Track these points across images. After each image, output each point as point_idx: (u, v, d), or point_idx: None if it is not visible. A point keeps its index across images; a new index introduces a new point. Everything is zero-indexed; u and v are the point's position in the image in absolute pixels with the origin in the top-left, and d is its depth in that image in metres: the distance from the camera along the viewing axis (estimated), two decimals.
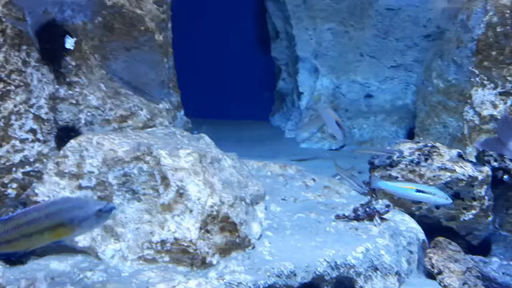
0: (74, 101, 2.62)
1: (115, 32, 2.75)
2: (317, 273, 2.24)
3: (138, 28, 2.75)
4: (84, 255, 2.30)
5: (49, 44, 2.53)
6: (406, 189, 2.62)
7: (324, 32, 5.54)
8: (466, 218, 2.83)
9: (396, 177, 2.94)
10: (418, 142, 3.02)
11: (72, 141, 2.38)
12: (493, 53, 3.20)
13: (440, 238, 2.70)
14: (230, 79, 6.98)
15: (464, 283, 2.50)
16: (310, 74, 5.79)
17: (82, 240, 2.28)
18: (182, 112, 3.55)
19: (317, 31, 5.56)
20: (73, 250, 2.31)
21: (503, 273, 2.56)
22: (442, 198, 2.58)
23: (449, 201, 2.60)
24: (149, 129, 2.86)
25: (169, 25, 3.25)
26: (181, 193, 2.27)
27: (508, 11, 3.15)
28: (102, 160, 2.33)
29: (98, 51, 2.78)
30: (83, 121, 2.63)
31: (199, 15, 6.80)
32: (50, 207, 1.67)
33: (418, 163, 2.89)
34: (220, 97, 6.97)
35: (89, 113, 2.66)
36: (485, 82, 3.22)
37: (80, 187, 2.32)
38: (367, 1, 5.31)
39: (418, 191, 2.60)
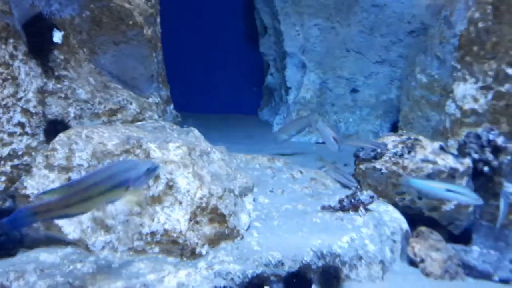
0: (63, 95, 2.63)
1: (103, 26, 2.77)
2: (304, 262, 2.30)
3: (127, 23, 2.77)
4: (74, 247, 2.32)
5: (36, 38, 2.54)
6: (437, 188, 2.60)
7: (311, 28, 5.60)
8: (447, 209, 2.91)
9: (380, 169, 3.00)
10: (402, 135, 3.09)
11: (61, 134, 2.39)
12: (475, 48, 3.28)
13: (423, 228, 2.77)
14: (219, 74, 7.01)
15: (446, 271, 2.58)
16: (298, 69, 5.85)
17: (71, 232, 2.30)
18: (172, 106, 3.58)
19: (304, 27, 5.62)
20: (63, 242, 2.34)
21: (483, 261, 2.65)
22: (472, 198, 2.58)
23: (480, 201, 2.58)
24: (139, 123, 2.88)
25: (158, 19, 3.27)
26: (170, 186, 2.31)
27: (490, 7, 3.23)
28: (91, 153, 2.35)
29: (87, 45, 2.79)
30: (72, 115, 2.64)
31: (189, 11, 6.81)
32: (108, 171, 1.78)
33: (401, 156, 2.96)
34: (209, 91, 6.99)
35: (78, 107, 2.67)
36: (467, 76, 3.30)
37: (69, 180, 2.34)
38: None
39: (448, 190, 2.58)
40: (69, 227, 2.31)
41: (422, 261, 2.62)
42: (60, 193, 1.68)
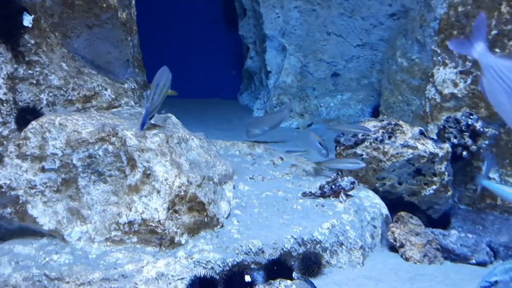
0: (34, 81, 2.53)
1: (76, 9, 2.66)
2: (284, 249, 2.29)
3: (100, 5, 2.66)
4: (50, 238, 2.27)
5: (5, 21, 2.42)
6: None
7: (291, 10, 5.53)
8: (427, 193, 2.94)
9: (361, 155, 3.00)
10: (382, 120, 3.09)
11: (33, 122, 2.31)
12: (455, 32, 3.27)
13: (403, 213, 2.79)
14: (197, 57, 6.89)
15: (425, 255, 2.61)
16: (278, 52, 5.78)
17: (47, 223, 2.24)
18: (148, 91, 3.49)
19: (284, 9, 5.54)
20: (38, 233, 2.28)
21: (461, 245, 2.68)
22: None
23: None
24: (114, 110, 2.80)
25: (133, 2, 3.16)
26: (148, 174, 2.26)
27: None
28: (65, 142, 2.28)
29: (58, 28, 2.69)
30: (44, 102, 2.55)
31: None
32: (164, 75, 2.39)
33: (382, 141, 2.96)
34: (187, 76, 6.87)
35: (50, 93, 2.58)
36: (447, 61, 3.30)
37: (43, 170, 2.27)
38: None
39: None
40: (44, 217, 2.25)
41: (402, 245, 2.64)
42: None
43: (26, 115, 2.42)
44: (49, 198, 2.26)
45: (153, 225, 2.20)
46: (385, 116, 3.90)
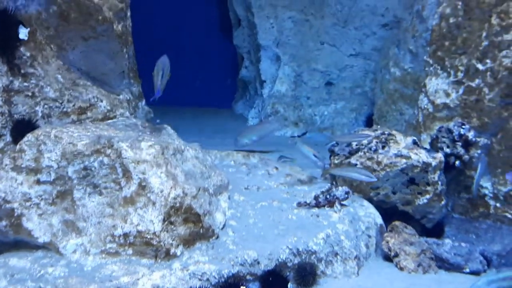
0: (29, 94, 2.54)
1: (72, 21, 2.68)
2: (280, 260, 2.30)
3: (96, 18, 2.68)
4: (45, 250, 2.26)
5: (1, 34, 2.43)
6: None
7: (285, 20, 5.58)
8: (420, 203, 2.96)
9: (355, 164, 3.02)
10: (376, 130, 3.12)
11: (29, 135, 2.31)
12: (446, 43, 3.32)
13: (397, 222, 2.81)
14: (192, 67, 6.92)
15: (419, 265, 2.63)
16: (272, 62, 5.83)
17: (42, 235, 2.24)
18: (143, 101, 3.50)
19: (278, 19, 5.59)
20: (33, 246, 2.27)
21: (454, 254, 2.70)
22: None
23: None
24: (110, 121, 2.81)
25: (128, 13, 3.18)
26: (143, 186, 2.26)
27: (460, 3, 3.27)
28: (61, 154, 2.28)
29: (54, 41, 2.70)
30: (40, 114, 2.55)
31: (161, 2, 6.68)
32: (166, 62, 2.67)
33: (375, 151, 2.98)
34: (183, 85, 6.89)
35: (46, 106, 2.58)
36: (439, 71, 3.34)
37: (38, 182, 2.27)
38: None
39: None
40: (39, 230, 2.25)
41: (396, 255, 2.66)
42: None
43: (21, 127, 2.43)
44: (44, 211, 2.27)
45: (149, 237, 2.21)
46: (379, 126, 3.93)
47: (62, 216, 2.27)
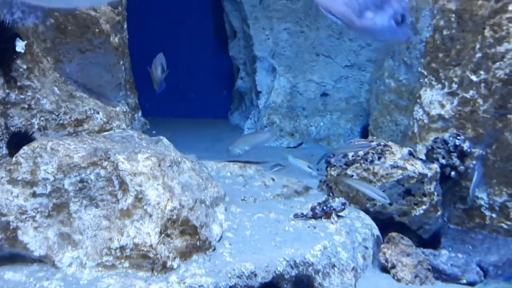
0: (26, 106, 2.54)
1: (69, 34, 2.69)
2: (277, 272, 2.29)
3: (93, 30, 2.69)
4: (40, 264, 2.24)
5: None
6: None
7: (281, 32, 5.62)
8: (417, 213, 2.97)
9: (352, 176, 3.03)
10: (372, 141, 3.13)
11: (25, 147, 2.31)
12: (440, 55, 3.35)
13: (393, 234, 2.81)
14: (188, 78, 6.94)
15: (416, 276, 2.63)
16: (268, 73, 5.86)
17: (37, 248, 2.22)
18: (140, 113, 3.51)
19: (274, 31, 5.63)
20: (29, 259, 2.25)
21: (451, 265, 2.71)
22: None
23: None
24: (106, 133, 2.81)
25: (125, 26, 3.20)
26: (140, 198, 2.26)
27: (453, 15, 3.31)
28: (57, 167, 2.27)
29: (51, 53, 2.71)
30: (36, 126, 2.55)
31: (157, 15, 6.72)
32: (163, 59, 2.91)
33: (372, 162, 2.99)
34: (179, 96, 6.91)
35: (42, 118, 2.58)
36: (433, 82, 3.37)
37: (34, 195, 2.26)
38: None
39: None
40: (34, 243, 2.23)
41: (393, 266, 2.66)
42: None
43: (17, 140, 2.42)
44: (40, 224, 2.25)
45: (145, 249, 2.20)
46: (374, 137, 3.95)
47: (58, 229, 2.25)
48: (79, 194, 2.28)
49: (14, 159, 2.30)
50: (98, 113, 2.81)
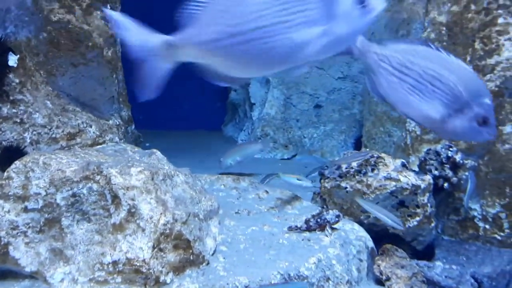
0: (18, 120, 2.52)
1: (61, 48, 2.69)
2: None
3: (86, 44, 2.70)
4: (32, 280, 2.22)
5: None
6: None
7: None
8: (411, 225, 2.97)
9: (345, 188, 3.03)
10: (366, 154, 3.14)
11: (17, 162, 2.29)
12: None
13: (388, 245, 2.81)
14: (182, 90, 6.95)
15: None
16: (262, 85, 5.88)
17: (29, 264, 2.20)
18: (133, 126, 3.51)
19: None
20: (20, 275, 2.23)
21: (445, 277, 2.71)
22: None
23: None
24: (99, 146, 2.80)
25: (118, 39, 3.21)
26: (133, 212, 2.24)
27: (444, 28, 3.35)
28: (49, 181, 2.26)
29: (44, 67, 2.71)
30: (28, 140, 2.54)
31: (150, 26, 6.73)
32: None
33: (365, 174, 3.00)
34: (172, 108, 6.92)
35: (34, 132, 2.57)
36: None
37: (26, 210, 2.24)
38: None
39: None
40: (26, 259, 2.21)
41: (388, 279, 2.65)
42: None
43: (9, 154, 2.41)
44: (31, 239, 2.23)
45: (138, 264, 2.18)
46: (367, 149, 3.96)
47: (49, 244, 2.23)
48: (71, 209, 2.26)
49: (5, 173, 2.28)
50: (91, 126, 2.80)
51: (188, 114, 6.96)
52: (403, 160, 3.11)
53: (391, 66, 1.39)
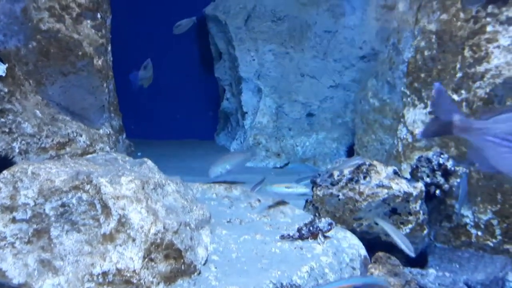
0: (7, 130, 2.50)
1: (51, 57, 2.68)
2: None
3: (76, 53, 2.69)
4: None
5: None
6: None
7: (266, 53, 5.68)
8: (403, 232, 2.96)
9: (338, 195, 3.02)
10: (358, 162, 3.13)
11: (5, 172, 2.26)
12: (422, 75, 3.41)
13: (381, 253, 2.79)
14: (174, 99, 6.95)
15: None
16: (254, 94, 5.89)
17: (16, 276, 2.16)
18: (124, 135, 3.49)
19: (259, 52, 5.69)
20: (7, 287, 2.19)
21: (439, 284, 2.69)
22: None
23: None
24: (89, 156, 2.78)
25: (109, 48, 3.20)
26: (123, 222, 2.22)
27: (434, 36, 3.38)
28: (38, 191, 2.23)
29: (33, 76, 2.69)
30: (17, 150, 2.51)
31: (142, 36, 6.74)
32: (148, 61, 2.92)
33: (357, 181, 2.99)
34: (165, 117, 6.90)
35: (23, 142, 2.54)
36: (416, 102, 3.42)
37: (14, 220, 2.20)
38: (306, 24, 5.51)
39: None
40: (13, 270, 2.17)
41: None
42: None
43: None
44: (19, 250, 2.19)
45: (128, 275, 2.15)
46: (359, 156, 3.97)
47: (38, 255, 2.20)
48: (60, 219, 2.23)
49: None
50: (81, 136, 2.78)
51: (180, 124, 6.95)
52: (395, 168, 3.11)
53: (497, 137, 1.36)
